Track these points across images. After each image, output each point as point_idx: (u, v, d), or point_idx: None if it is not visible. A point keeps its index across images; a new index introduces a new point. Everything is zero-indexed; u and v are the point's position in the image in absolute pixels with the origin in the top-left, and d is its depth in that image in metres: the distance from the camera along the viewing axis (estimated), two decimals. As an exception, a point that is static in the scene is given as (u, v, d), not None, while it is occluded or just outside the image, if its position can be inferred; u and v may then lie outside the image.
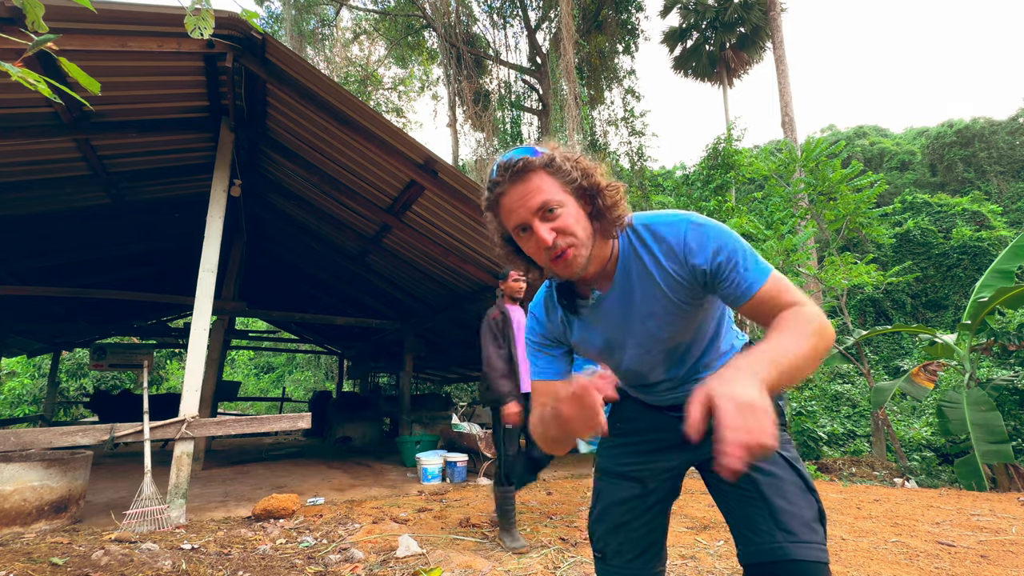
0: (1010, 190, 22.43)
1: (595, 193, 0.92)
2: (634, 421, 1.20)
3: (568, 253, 0.90)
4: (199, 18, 1.64)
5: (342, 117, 4.30)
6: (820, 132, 32.57)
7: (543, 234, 0.88)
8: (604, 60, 14.88)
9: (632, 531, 1.11)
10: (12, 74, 1.07)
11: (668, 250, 0.94)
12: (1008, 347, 6.49)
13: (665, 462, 1.13)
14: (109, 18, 3.11)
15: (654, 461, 1.14)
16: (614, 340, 1.05)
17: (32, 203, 5.10)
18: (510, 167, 0.89)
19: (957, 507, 3.76)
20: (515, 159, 0.89)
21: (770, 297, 0.89)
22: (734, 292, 0.90)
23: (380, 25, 17.36)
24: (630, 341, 1.03)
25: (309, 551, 2.78)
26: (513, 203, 0.90)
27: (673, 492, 1.16)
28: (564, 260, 0.91)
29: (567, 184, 0.91)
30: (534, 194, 0.89)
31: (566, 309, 1.08)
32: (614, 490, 1.15)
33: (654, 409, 1.17)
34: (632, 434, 1.19)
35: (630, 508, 1.12)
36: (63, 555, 2.37)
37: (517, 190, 0.90)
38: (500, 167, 0.91)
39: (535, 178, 0.89)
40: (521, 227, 0.92)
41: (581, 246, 0.91)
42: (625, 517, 1.11)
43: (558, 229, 0.89)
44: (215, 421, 3.81)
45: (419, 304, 8.42)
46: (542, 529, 3.20)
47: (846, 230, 7.92)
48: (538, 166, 0.89)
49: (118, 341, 11.44)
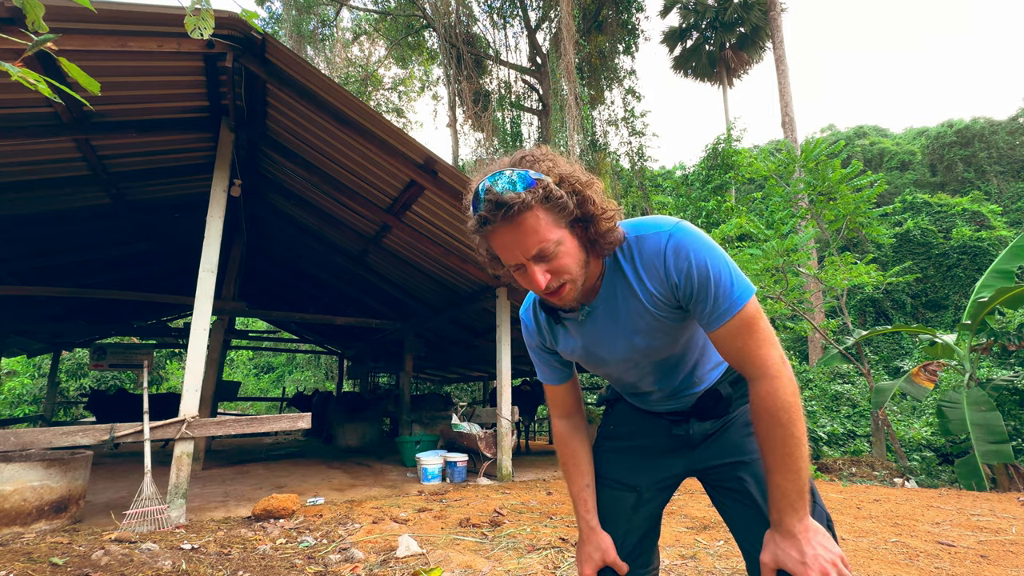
0: (1010, 190, 22.43)
1: (590, 221, 0.87)
2: (628, 423, 1.20)
3: (563, 290, 0.88)
4: (199, 18, 1.64)
5: (342, 117, 4.30)
6: (820, 132, 32.59)
7: (538, 278, 0.85)
8: (604, 60, 14.89)
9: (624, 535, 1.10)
10: (12, 74, 1.07)
11: (650, 266, 0.91)
12: (1008, 347, 6.49)
13: (660, 471, 1.13)
14: (109, 18, 3.11)
15: (649, 469, 1.13)
16: (600, 353, 1.04)
17: (32, 203, 5.10)
18: (502, 206, 0.79)
19: (957, 507, 3.76)
20: (508, 199, 0.79)
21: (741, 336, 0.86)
22: (708, 316, 0.88)
23: (380, 25, 17.37)
24: (617, 355, 1.02)
25: (309, 551, 2.78)
26: (506, 244, 0.85)
27: (666, 500, 1.16)
28: (559, 295, 0.89)
29: (562, 218, 0.85)
30: (529, 237, 0.82)
31: (550, 320, 1.08)
32: (608, 495, 1.14)
33: (649, 414, 1.17)
34: (625, 438, 1.19)
35: (623, 514, 1.12)
36: (63, 555, 2.37)
37: (510, 231, 0.82)
38: (490, 202, 0.80)
39: (530, 218, 0.81)
40: (515, 266, 0.88)
41: (576, 280, 0.89)
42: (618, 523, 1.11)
43: (553, 271, 0.86)
44: (215, 421, 3.81)
45: (419, 304, 8.42)
46: (542, 529, 3.20)
47: (846, 230, 7.92)
48: (533, 205, 0.81)
49: (118, 341, 11.45)
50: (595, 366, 1.08)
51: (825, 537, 0.82)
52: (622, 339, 0.99)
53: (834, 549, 0.81)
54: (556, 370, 1.14)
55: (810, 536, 0.82)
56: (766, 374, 0.85)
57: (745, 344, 0.87)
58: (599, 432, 1.25)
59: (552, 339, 1.09)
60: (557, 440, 1.17)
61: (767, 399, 0.85)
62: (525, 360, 10.14)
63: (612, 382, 1.17)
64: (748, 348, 0.87)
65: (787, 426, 0.83)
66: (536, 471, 6.20)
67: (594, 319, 1.00)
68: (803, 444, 0.83)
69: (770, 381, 0.85)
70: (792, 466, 0.83)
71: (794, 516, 0.83)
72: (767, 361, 0.86)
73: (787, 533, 0.83)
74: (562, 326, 1.06)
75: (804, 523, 0.83)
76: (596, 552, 1.07)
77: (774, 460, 0.85)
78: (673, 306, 0.93)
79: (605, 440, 1.21)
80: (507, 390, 5.76)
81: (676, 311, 0.93)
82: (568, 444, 1.15)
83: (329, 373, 20.12)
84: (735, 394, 1.06)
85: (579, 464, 1.14)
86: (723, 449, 1.05)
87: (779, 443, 0.84)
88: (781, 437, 0.83)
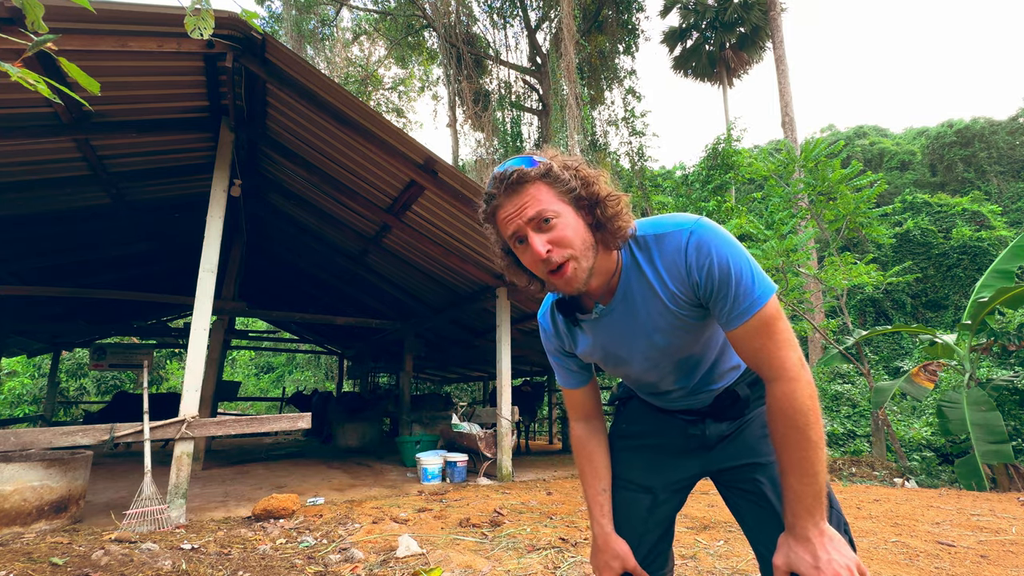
0: (1010, 190, 22.43)
1: (595, 203, 0.89)
2: (640, 422, 1.19)
3: (567, 267, 0.87)
4: (199, 18, 1.64)
5: (342, 117, 4.30)
6: (820, 132, 32.58)
7: (537, 245, 0.86)
8: (604, 60, 14.89)
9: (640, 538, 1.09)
10: (12, 74, 1.07)
11: (670, 264, 0.90)
12: (1008, 347, 6.49)
13: (675, 472, 1.11)
14: (109, 18, 3.11)
15: (664, 470, 1.12)
16: (619, 354, 1.02)
17: (32, 203, 5.10)
18: (505, 179, 0.87)
19: (957, 507, 3.76)
20: (510, 170, 0.87)
21: (760, 337, 0.85)
22: (727, 315, 0.87)
23: (380, 25, 17.37)
24: (637, 355, 1.01)
25: (309, 551, 2.78)
26: (508, 214, 0.88)
27: (681, 503, 1.14)
28: (563, 275, 0.88)
29: (565, 194, 0.88)
30: (528, 204, 0.86)
31: (568, 323, 1.07)
32: (623, 497, 1.12)
33: (663, 412, 1.15)
34: (638, 436, 1.17)
35: (639, 517, 1.10)
36: (63, 555, 2.37)
37: (512, 201, 0.87)
38: (495, 178, 0.89)
39: (531, 189, 0.87)
40: (517, 238, 0.89)
41: (580, 258, 0.88)
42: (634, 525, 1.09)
43: (553, 241, 0.86)
44: (215, 421, 3.81)
45: (419, 304, 8.43)
46: (542, 529, 3.20)
47: (846, 230, 7.92)
48: (534, 177, 0.87)
49: (118, 341, 11.45)
50: (615, 367, 1.06)
51: (841, 543, 0.81)
52: (642, 338, 0.98)
53: (849, 554, 0.80)
54: (575, 374, 1.13)
55: (825, 541, 0.81)
56: (784, 376, 0.84)
57: (764, 345, 0.85)
58: (611, 431, 1.23)
59: (571, 342, 1.08)
60: (575, 443, 1.17)
61: (783, 401, 0.83)
62: (525, 360, 10.15)
63: (631, 383, 1.15)
64: (767, 349, 0.85)
65: (803, 430, 0.82)
66: (536, 471, 6.20)
67: (612, 319, 0.99)
68: (820, 448, 0.82)
69: (787, 383, 0.84)
70: (808, 470, 0.82)
71: (809, 520, 0.82)
72: (785, 363, 0.84)
73: (801, 537, 0.82)
74: (579, 328, 1.05)
75: (819, 527, 0.82)
76: (615, 560, 1.05)
77: (789, 463, 0.84)
78: (694, 304, 0.92)
79: (618, 439, 1.20)
80: (507, 390, 5.76)
81: (697, 309, 0.92)
82: (585, 447, 1.14)
83: (329, 373, 20.11)
84: (752, 396, 1.05)
85: (596, 468, 1.13)
86: (739, 451, 1.04)
87: (794, 446, 0.83)
88: (796, 440, 0.82)
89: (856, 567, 0.79)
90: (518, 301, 6.17)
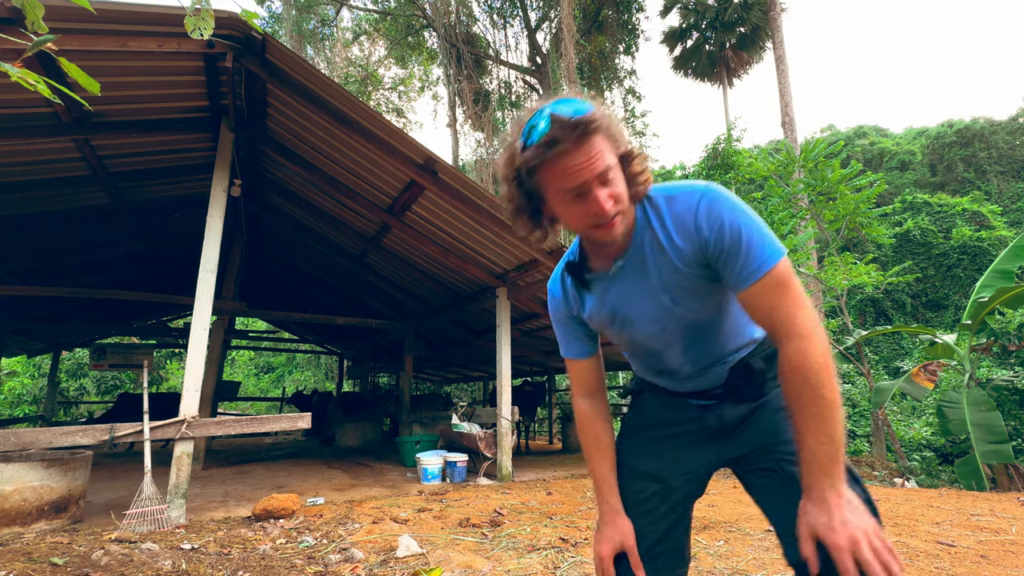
0: (1010, 190, 22.43)
1: (629, 159, 0.89)
2: (654, 414, 1.16)
3: (615, 221, 0.87)
4: (199, 18, 1.64)
5: (342, 117, 4.30)
6: (820, 132, 32.59)
7: (604, 201, 0.85)
8: (605, 60, 14.89)
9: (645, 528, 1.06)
10: (12, 74, 1.07)
11: (680, 222, 0.91)
12: (1008, 347, 6.49)
13: (689, 462, 1.09)
14: (109, 18, 3.11)
15: (677, 459, 1.09)
16: (627, 313, 1.01)
17: (32, 203, 5.10)
18: (575, 126, 0.81)
19: (957, 507, 3.76)
20: (583, 119, 0.81)
21: (772, 295, 0.85)
22: (737, 275, 0.87)
23: (380, 25, 17.38)
24: (644, 315, 1.00)
25: (309, 551, 2.78)
26: (576, 165, 0.83)
27: (697, 493, 1.12)
28: (611, 227, 0.88)
29: (614, 148, 0.87)
30: (597, 157, 0.83)
31: (577, 285, 1.06)
32: (631, 485, 1.10)
33: (675, 396, 1.12)
34: (650, 428, 1.14)
35: (645, 505, 1.08)
36: (63, 555, 2.37)
37: (582, 151, 0.82)
38: (558, 123, 0.81)
39: (598, 139, 0.83)
40: (577, 191, 0.85)
41: (626, 213, 0.89)
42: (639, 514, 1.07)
43: (613, 196, 0.86)
44: (215, 421, 3.81)
45: (419, 304, 8.43)
46: (542, 529, 3.20)
47: (846, 230, 7.92)
48: (603, 125, 0.84)
49: (118, 341, 11.46)
50: (621, 330, 1.04)
51: (860, 508, 0.79)
52: (650, 297, 0.97)
53: (867, 520, 0.78)
54: (580, 342, 1.12)
55: (843, 503, 0.79)
56: (796, 333, 0.83)
57: (777, 303, 0.85)
58: (623, 425, 1.21)
59: (579, 306, 1.07)
60: (579, 420, 1.15)
61: (795, 358, 0.82)
62: (525, 360, 10.16)
63: (638, 357, 1.12)
64: (780, 307, 0.85)
65: (817, 387, 0.80)
66: (536, 471, 6.20)
67: (623, 276, 0.99)
68: (835, 407, 0.80)
69: (799, 340, 0.82)
70: (823, 428, 0.80)
71: (826, 480, 0.80)
72: (797, 320, 0.83)
73: (819, 499, 0.80)
74: (588, 290, 1.04)
75: (837, 489, 0.80)
76: (617, 535, 1.04)
77: (803, 423, 0.82)
78: (701, 263, 0.91)
79: (630, 432, 1.18)
80: (507, 390, 5.76)
81: (703, 269, 0.92)
82: (592, 426, 1.13)
83: (329, 373, 20.12)
84: (768, 372, 1.02)
85: (602, 447, 1.11)
86: (755, 435, 1.02)
87: (808, 404, 0.81)
88: (811, 398, 0.81)
89: (874, 533, 0.77)
90: (518, 301, 6.17)
